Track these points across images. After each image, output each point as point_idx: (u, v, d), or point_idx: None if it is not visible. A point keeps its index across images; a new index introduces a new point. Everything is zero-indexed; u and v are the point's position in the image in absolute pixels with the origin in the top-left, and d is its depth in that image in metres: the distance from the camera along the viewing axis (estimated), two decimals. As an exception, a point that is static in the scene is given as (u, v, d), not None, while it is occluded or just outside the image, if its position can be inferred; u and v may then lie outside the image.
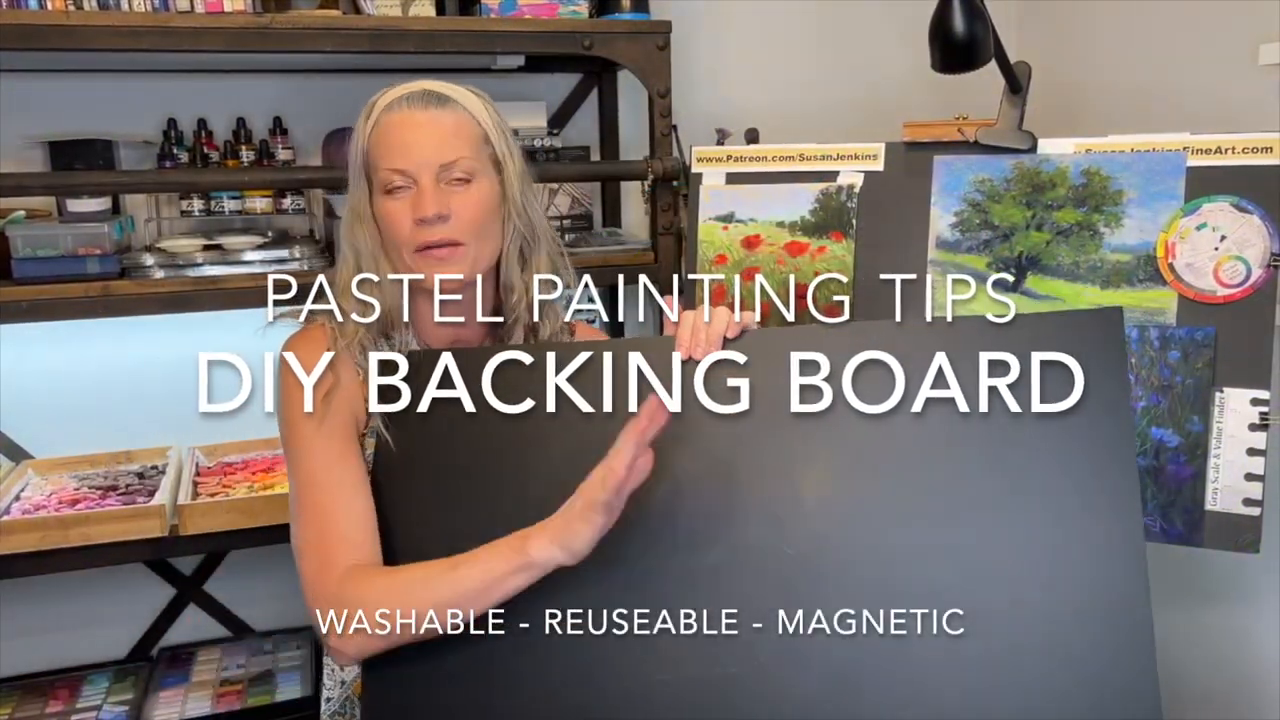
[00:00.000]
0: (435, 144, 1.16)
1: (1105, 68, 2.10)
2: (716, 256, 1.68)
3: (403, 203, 1.16)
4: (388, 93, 1.19)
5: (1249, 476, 1.38)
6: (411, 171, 1.15)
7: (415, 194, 1.15)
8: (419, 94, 1.18)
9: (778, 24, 2.29)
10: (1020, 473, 1.06)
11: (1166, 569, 1.91)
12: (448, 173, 1.16)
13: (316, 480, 1.11)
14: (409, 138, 1.16)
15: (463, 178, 1.17)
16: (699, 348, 1.10)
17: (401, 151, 1.15)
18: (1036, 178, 1.52)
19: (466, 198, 1.17)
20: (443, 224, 1.15)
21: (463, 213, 1.16)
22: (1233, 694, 1.88)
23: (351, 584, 1.06)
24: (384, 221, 1.17)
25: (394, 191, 1.16)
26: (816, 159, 1.66)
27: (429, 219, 1.14)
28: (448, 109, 1.18)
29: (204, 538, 1.73)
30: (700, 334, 1.11)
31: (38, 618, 2.03)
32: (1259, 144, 1.40)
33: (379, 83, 1.25)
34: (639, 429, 0.98)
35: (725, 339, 1.11)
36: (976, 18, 1.44)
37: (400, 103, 1.17)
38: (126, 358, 2.01)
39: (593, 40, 1.82)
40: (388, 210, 1.16)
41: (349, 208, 1.20)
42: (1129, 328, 1.45)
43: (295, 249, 1.78)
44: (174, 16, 1.62)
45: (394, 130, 1.16)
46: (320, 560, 1.08)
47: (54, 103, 1.88)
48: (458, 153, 1.16)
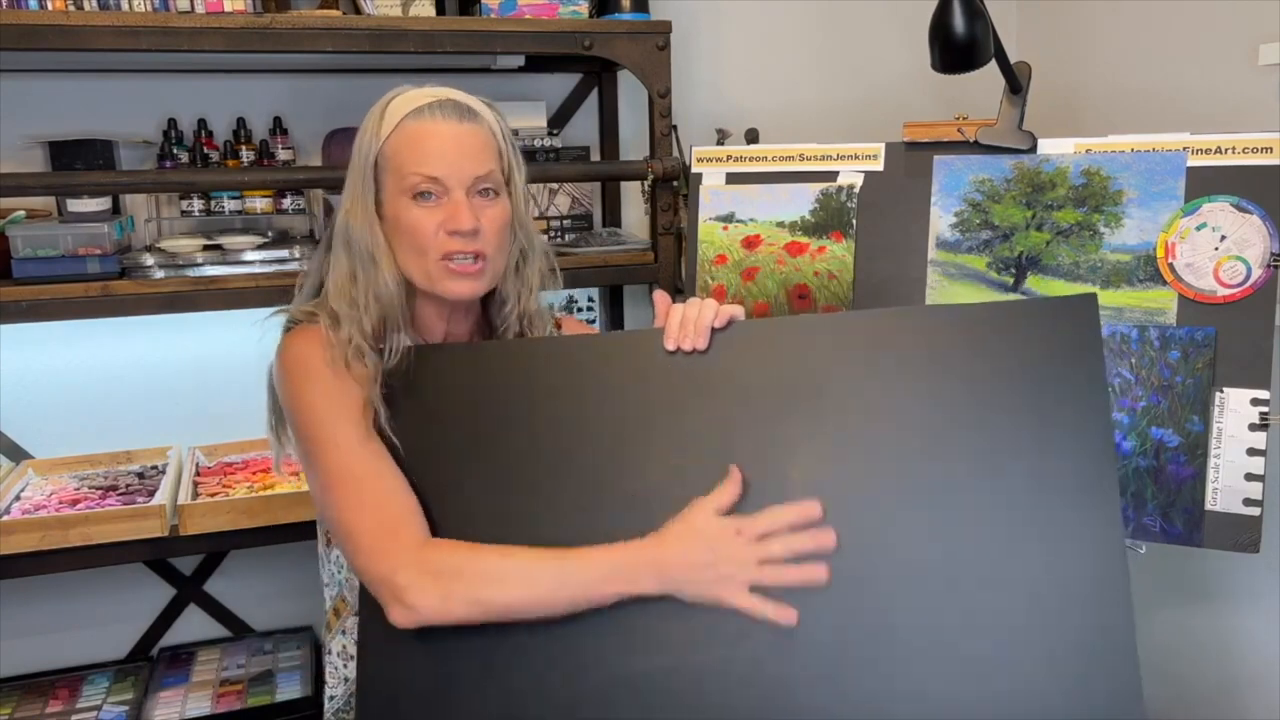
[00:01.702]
0: (469, 156, 1.16)
1: (1105, 68, 2.10)
2: (716, 256, 1.68)
3: (431, 210, 1.15)
4: (405, 96, 1.18)
5: (1249, 476, 1.38)
6: (445, 180, 1.15)
7: (448, 204, 1.15)
8: (448, 104, 1.17)
9: (778, 24, 2.29)
10: (996, 460, 1.06)
11: (1167, 569, 1.92)
12: (478, 186, 1.17)
13: (358, 469, 1.09)
14: (444, 147, 1.15)
15: (491, 191, 1.18)
16: (687, 338, 1.12)
17: (436, 159, 1.15)
18: (1036, 178, 1.52)
19: (494, 212, 1.18)
20: (474, 237, 1.16)
21: (490, 227, 1.17)
22: (1233, 694, 1.88)
23: (439, 550, 1.05)
24: (406, 226, 1.16)
25: (421, 197, 1.15)
26: (816, 159, 1.66)
27: (465, 232, 1.15)
28: (476, 123, 1.18)
29: (204, 538, 1.74)
30: (689, 325, 1.12)
31: (38, 618, 2.03)
32: (1259, 144, 1.40)
33: (379, 83, 1.25)
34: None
35: (713, 329, 1.12)
36: (976, 18, 1.44)
37: (429, 110, 1.16)
38: (126, 358, 2.01)
39: (593, 40, 1.82)
40: (414, 217, 1.15)
41: (349, 206, 1.19)
42: (1129, 327, 1.45)
43: (295, 249, 1.78)
44: (174, 16, 1.62)
45: (426, 138, 1.16)
46: (388, 536, 1.05)
47: (54, 103, 1.89)
48: (487, 167, 1.18)
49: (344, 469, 1.09)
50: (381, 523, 1.06)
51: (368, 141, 1.18)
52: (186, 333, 2.00)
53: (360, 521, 1.07)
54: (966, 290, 1.54)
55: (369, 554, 1.06)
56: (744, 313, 1.14)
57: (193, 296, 1.69)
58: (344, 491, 1.09)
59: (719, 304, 1.13)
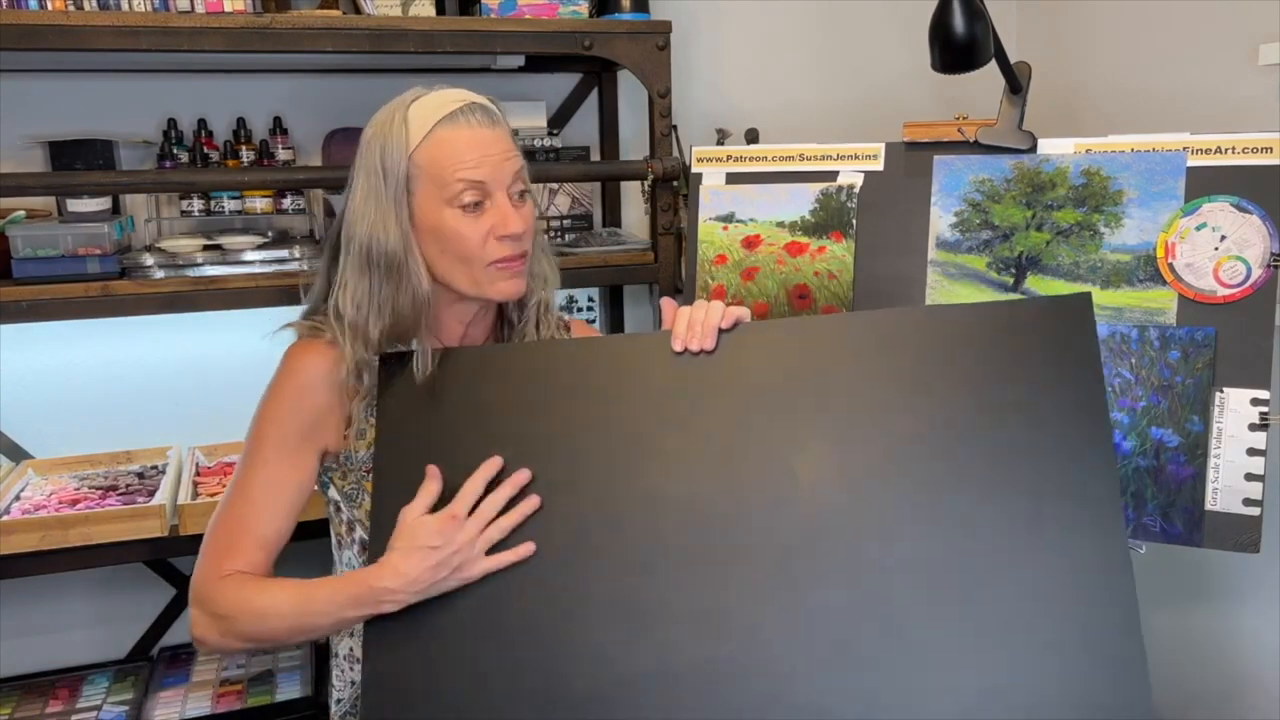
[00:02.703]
0: (507, 159, 1.17)
1: (1105, 68, 2.10)
2: (716, 256, 1.68)
3: (477, 218, 1.15)
4: (425, 103, 1.16)
5: (1249, 476, 1.38)
6: (489, 185, 1.15)
7: (492, 210, 1.16)
8: (478, 108, 1.17)
9: (778, 24, 2.29)
10: (998, 458, 1.07)
11: (1167, 569, 1.92)
12: (515, 187, 1.18)
13: (252, 489, 1.18)
14: (486, 152, 1.15)
15: (525, 191, 1.20)
16: (694, 339, 1.13)
17: (477, 165, 1.14)
18: (1036, 178, 1.52)
19: (528, 211, 1.20)
20: (522, 240, 1.18)
21: (528, 228, 1.19)
22: (1232, 694, 1.88)
23: (230, 589, 1.13)
24: (451, 235, 1.15)
25: (470, 207, 1.15)
26: (816, 159, 1.66)
27: (516, 235, 1.16)
28: (503, 126, 1.19)
29: (204, 538, 1.74)
30: (695, 326, 1.14)
31: (38, 618, 2.03)
32: (1259, 144, 1.40)
33: (379, 83, 1.25)
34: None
35: (720, 330, 1.14)
36: (976, 18, 1.44)
37: (461, 116, 1.15)
38: (126, 358, 2.01)
39: (593, 40, 1.82)
40: (461, 225, 1.15)
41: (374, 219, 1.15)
42: (1129, 327, 1.45)
43: (295, 249, 1.78)
44: (174, 16, 1.62)
45: (465, 146, 1.14)
46: (221, 553, 1.15)
47: (54, 103, 1.89)
48: (517, 165, 1.18)
49: (244, 481, 1.19)
50: (224, 539, 1.16)
51: (394, 152, 1.14)
52: (186, 333, 2.00)
53: (216, 529, 1.18)
54: (966, 290, 1.54)
55: (201, 559, 1.17)
56: (750, 314, 1.16)
57: (193, 296, 1.69)
58: (229, 497, 1.19)
59: (724, 306, 1.15)
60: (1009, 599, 1.03)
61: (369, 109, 1.20)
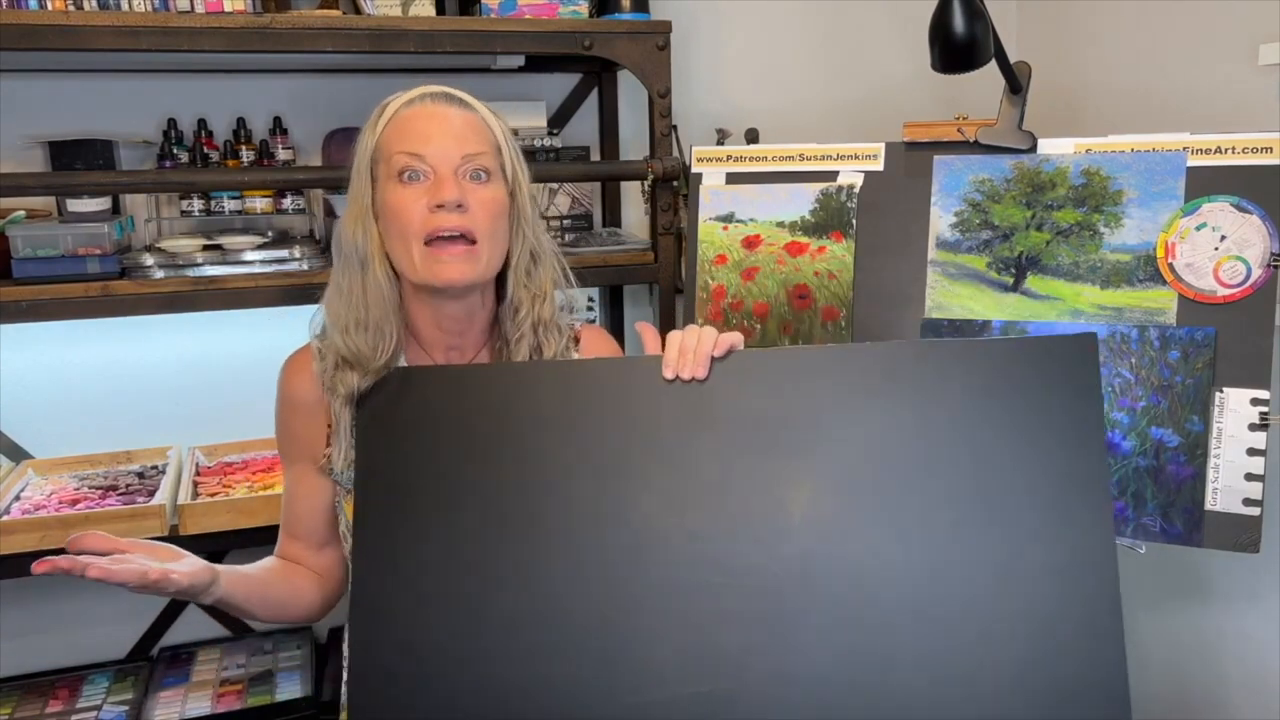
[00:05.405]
0: (456, 136, 1.14)
1: (1105, 68, 2.10)
2: (716, 256, 1.68)
3: (416, 190, 1.13)
4: (399, 95, 1.18)
5: (1249, 476, 1.38)
6: (431, 159, 1.13)
7: (433, 182, 1.13)
8: (439, 94, 1.17)
9: (778, 24, 2.29)
10: (994, 495, 1.06)
11: (1167, 569, 1.92)
12: (467, 165, 1.14)
13: (285, 493, 1.28)
14: (431, 128, 1.14)
15: (481, 172, 1.15)
16: (686, 367, 1.09)
17: (421, 139, 1.13)
18: (1036, 178, 1.52)
19: (484, 194, 1.15)
20: (460, 213, 1.13)
21: (479, 209, 1.14)
22: (1233, 694, 1.88)
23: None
24: (392, 211, 1.13)
25: (407, 178, 1.13)
26: (816, 159, 1.66)
27: (447, 204, 1.11)
28: (468, 110, 1.17)
29: (204, 538, 1.73)
30: (688, 354, 1.09)
31: (38, 618, 2.03)
32: (1259, 144, 1.40)
33: (379, 83, 1.25)
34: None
35: (712, 358, 1.09)
36: (976, 18, 1.44)
37: (419, 100, 1.16)
38: (126, 358, 2.01)
39: (593, 40, 1.82)
40: (398, 198, 1.13)
41: (347, 212, 1.18)
42: (1129, 327, 1.45)
43: (295, 249, 1.78)
44: (174, 16, 1.62)
45: (413, 121, 1.14)
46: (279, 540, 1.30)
47: (54, 103, 1.89)
48: (478, 147, 1.15)
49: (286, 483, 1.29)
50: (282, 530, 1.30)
51: (364, 143, 1.17)
52: (186, 333, 2.01)
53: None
54: (967, 290, 1.54)
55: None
56: (743, 341, 1.12)
57: (193, 296, 1.69)
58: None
59: (718, 333, 1.11)
60: (1002, 639, 1.02)
61: (369, 109, 1.20)
